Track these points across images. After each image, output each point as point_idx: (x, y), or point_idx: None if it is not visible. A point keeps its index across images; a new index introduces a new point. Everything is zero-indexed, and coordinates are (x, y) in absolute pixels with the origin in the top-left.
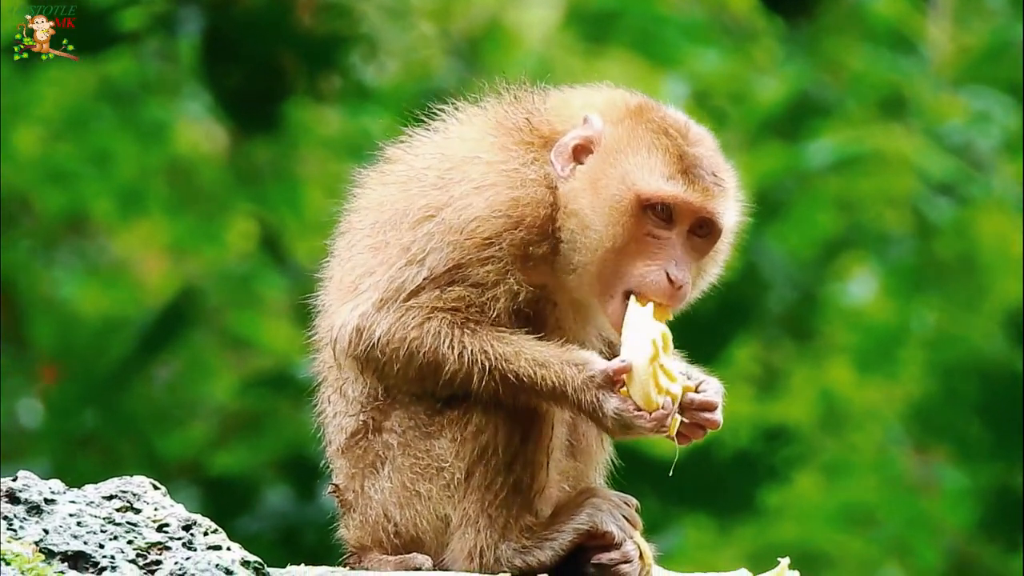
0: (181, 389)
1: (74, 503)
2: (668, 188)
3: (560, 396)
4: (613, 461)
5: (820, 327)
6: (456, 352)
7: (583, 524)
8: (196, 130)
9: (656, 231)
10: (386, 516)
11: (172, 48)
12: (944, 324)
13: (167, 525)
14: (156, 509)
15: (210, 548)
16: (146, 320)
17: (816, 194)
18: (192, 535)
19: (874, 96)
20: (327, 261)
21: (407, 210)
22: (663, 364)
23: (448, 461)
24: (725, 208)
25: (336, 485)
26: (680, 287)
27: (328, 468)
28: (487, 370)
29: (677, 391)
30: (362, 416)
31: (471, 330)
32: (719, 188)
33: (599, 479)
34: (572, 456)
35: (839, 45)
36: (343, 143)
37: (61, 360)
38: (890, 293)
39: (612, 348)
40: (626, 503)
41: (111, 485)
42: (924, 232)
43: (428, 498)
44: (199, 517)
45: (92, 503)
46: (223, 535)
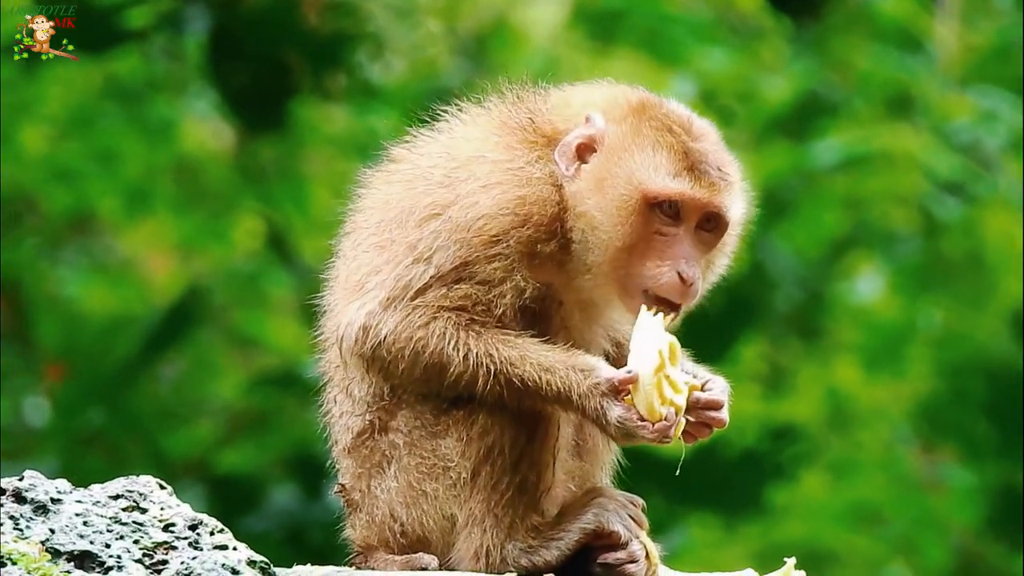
0: (187, 388)
1: (80, 503)
2: (675, 186)
3: (565, 401)
4: (619, 461)
5: (827, 326)
6: (461, 354)
7: (589, 524)
8: (202, 129)
9: (664, 228)
10: (392, 516)
11: (178, 46)
12: (951, 323)
13: (173, 525)
14: (162, 509)
15: (216, 548)
16: (152, 319)
17: (823, 193)
18: (198, 534)
19: (881, 95)
20: (333, 261)
21: (413, 208)
22: (668, 375)
23: (454, 461)
24: (732, 201)
25: (342, 485)
26: (692, 284)
27: (334, 468)
28: (492, 373)
29: (681, 402)
30: (368, 416)
31: (476, 332)
32: (725, 182)
33: (605, 479)
34: (578, 456)
35: (846, 44)
36: (349, 142)
37: (67, 359)
38: (897, 292)
39: (620, 348)
40: (632, 503)
41: (117, 485)
42: (931, 231)
43: (434, 498)
44: (205, 517)
45: (98, 503)
46: (229, 535)
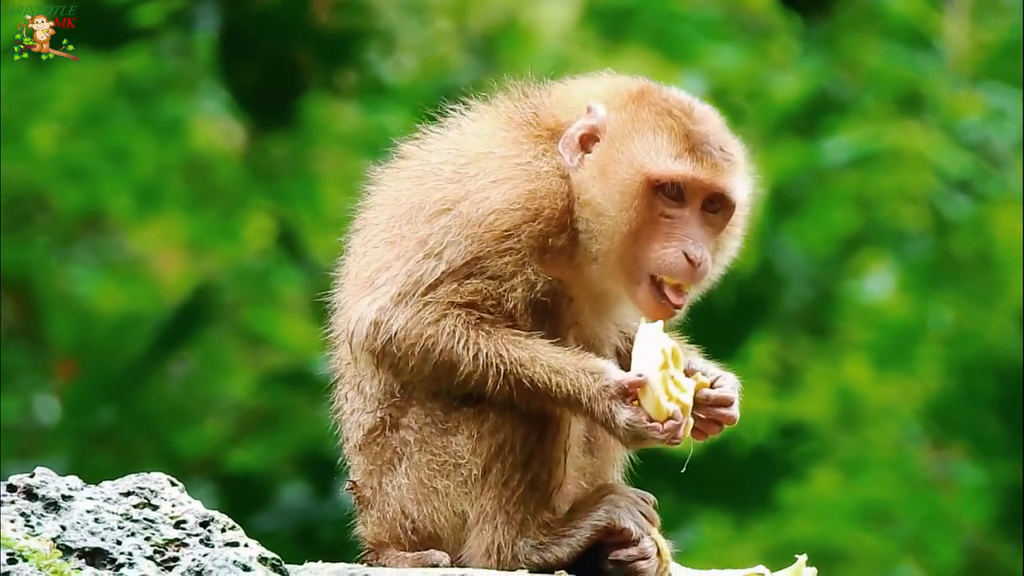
0: (198, 386)
1: (91, 499)
2: (676, 167)
3: (574, 404)
4: (630, 458)
5: (837, 324)
6: (471, 354)
7: (601, 520)
8: (213, 126)
9: (669, 211)
10: (403, 513)
11: (189, 44)
12: (961, 321)
13: (184, 522)
14: (174, 506)
15: (227, 545)
16: (163, 317)
17: (833, 191)
18: (209, 532)
19: (891, 93)
20: (343, 258)
21: (423, 204)
22: (673, 376)
23: (465, 458)
24: (736, 182)
25: (353, 482)
26: (699, 264)
27: (345, 465)
28: (502, 374)
29: (688, 401)
30: (379, 413)
31: (486, 332)
32: (728, 163)
33: (616, 475)
34: (589, 452)
35: (856, 42)
36: (360, 139)
37: (77, 357)
38: (907, 290)
39: (631, 343)
40: (643, 499)
41: (129, 482)
42: (941, 229)
43: (445, 495)
44: (216, 514)
45: (109, 499)
46: (240, 532)
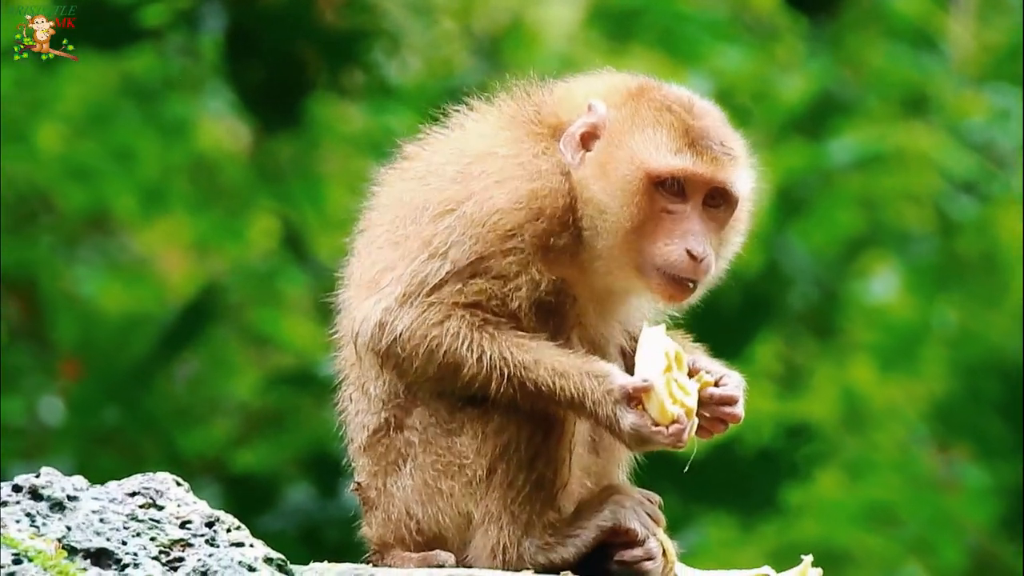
0: (203, 386)
1: (97, 500)
2: (676, 162)
3: (578, 407)
4: (636, 458)
5: (842, 325)
6: (475, 356)
7: (606, 521)
8: (218, 127)
9: (671, 207)
10: (408, 513)
11: (194, 44)
12: (966, 322)
13: (190, 522)
14: (179, 506)
15: (233, 545)
16: (168, 317)
17: (838, 192)
18: (215, 532)
19: (896, 94)
20: (348, 259)
21: (427, 205)
22: (677, 379)
23: (470, 458)
24: (737, 176)
25: (358, 483)
26: (702, 259)
27: (350, 466)
28: (506, 376)
29: (692, 404)
30: (384, 414)
31: (491, 334)
32: (728, 157)
33: (622, 476)
34: (595, 453)
35: (861, 43)
36: (365, 140)
37: (83, 358)
38: (912, 291)
39: (636, 342)
40: (649, 500)
41: (134, 482)
42: (946, 230)
43: (450, 495)
44: (222, 514)
45: (115, 500)
46: (246, 532)
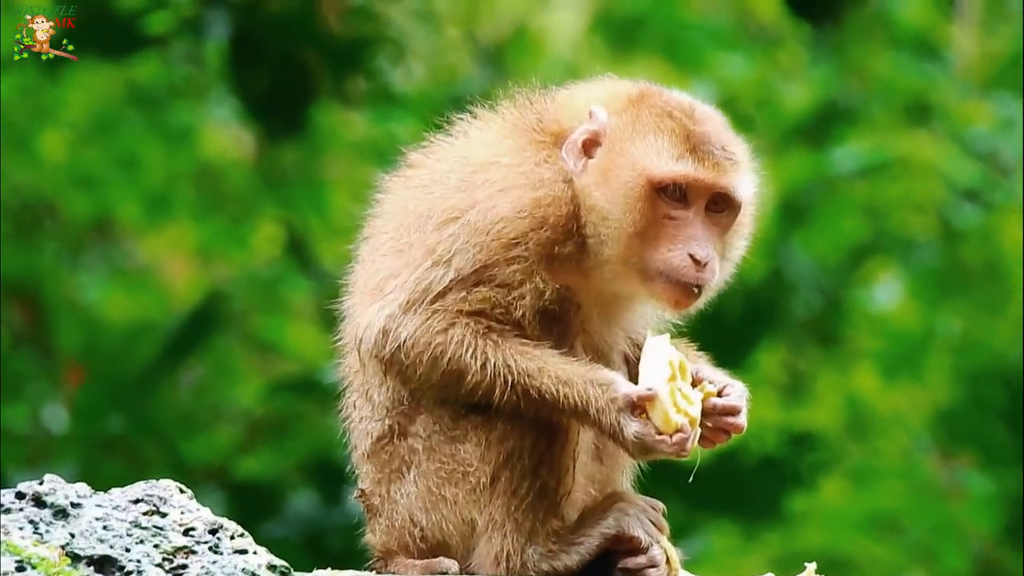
0: (207, 393)
1: (100, 507)
2: (678, 168)
3: (582, 415)
4: (640, 466)
5: (846, 332)
6: (479, 363)
7: (610, 528)
8: (223, 134)
9: (673, 212)
10: (412, 521)
11: (199, 52)
12: (970, 330)
13: (193, 529)
14: (182, 513)
15: (236, 552)
16: (172, 324)
17: (842, 199)
18: (218, 539)
19: (900, 102)
20: (352, 266)
21: (431, 212)
22: (680, 388)
23: (473, 465)
24: (739, 181)
25: (362, 490)
26: (706, 264)
27: (354, 473)
28: (509, 384)
29: (695, 413)
30: (388, 421)
31: (494, 342)
32: (730, 162)
33: (626, 483)
34: (598, 460)
35: (865, 51)
36: (370, 147)
37: (87, 364)
38: (915, 299)
39: (639, 349)
40: (653, 507)
41: (137, 489)
42: (949, 238)
43: (454, 502)
44: (225, 521)
45: (118, 507)
46: (249, 539)
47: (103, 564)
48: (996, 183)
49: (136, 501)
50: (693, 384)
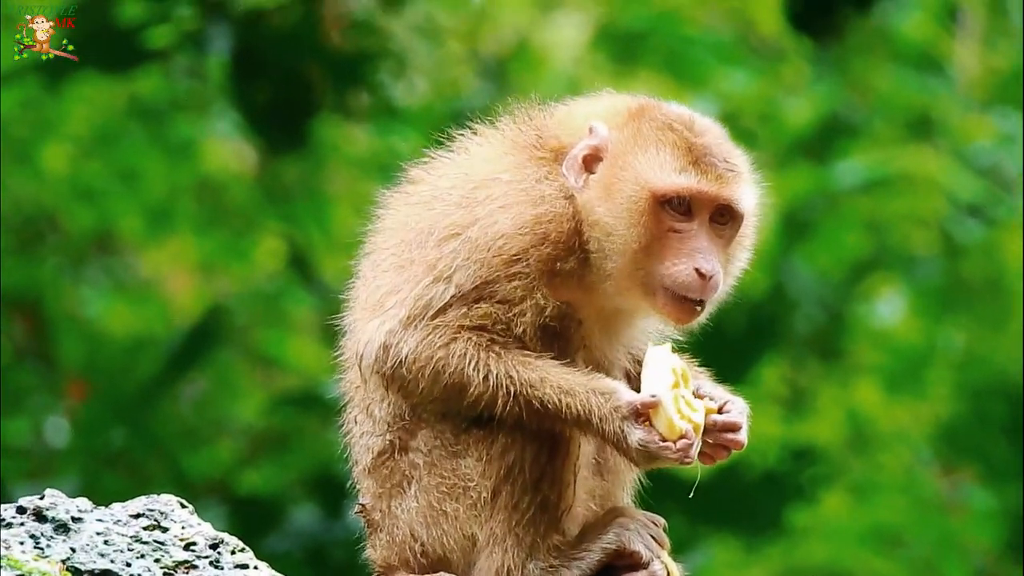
0: (209, 407)
1: (101, 521)
2: (681, 181)
3: (584, 425)
4: (640, 480)
5: (848, 347)
6: (481, 375)
7: (611, 543)
8: (225, 148)
9: (677, 225)
10: (413, 536)
11: (201, 66)
12: (972, 345)
13: (194, 544)
14: (183, 528)
15: (237, 567)
16: (174, 338)
17: (844, 214)
18: (219, 554)
19: (902, 117)
20: (353, 281)
21: (432, 229)
22: (683, 395)
23: (474, 480)
24: (742, 192)
25: (363, 505)
26: (711, 277)
27: (355, 488)
28: (512, 395)
29: (699, 420)
30: (388, 436)
31: (496, 354)
32: (732, 174)
33: (627, 498)
34: (599, 475)
35: (867, 66)
36: (372, 161)
37: (88, 378)
38: (918, 314)
39: (640, 365)
40: (654, 523)
41: (138, 503)
42: (952, 253)
43: (455, 517)
44: (226, 536)
45: (119, 521)
46: (250, 554)
47: None
48: (998, 198)
49: (137, 516)
50: (694, 398)
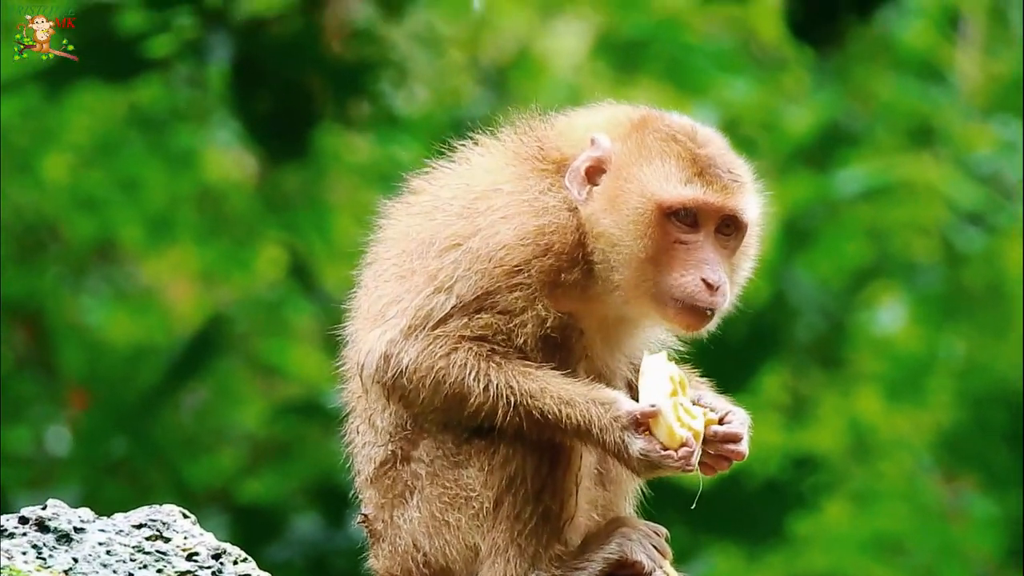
0: (210, 417)
1: (103, 532)
2: (687, 192)
3: (585, 435)
4: (642, 490)
5: (849, 356)
6: (482, 385)
7: (613, 553)
8: (225, 157)
9: (683, 236)
10: (415, 546)
11: (201, 75)
12: (973, 353)
13: (197, 554)
14: (186, 538)
15: None
16: (175, 347)
17: (845, 223)
18: (221, 564)
19: (903, 125)
20: (355, 291)
21: (433, 239)
22: (682, 403)
23: (476, 490)
24: (747, 203)
25: (365, 515)
26: (718, 288)
27: (357, 497)
28: (512, 405)
29: (699, 427)
30: (390, 446)
31: (497, 364)
32: (737, 184)
33: (629, 508)
34: (601, 485)
35: (868, 74)
36: (372, 170)
37: (90, 387)
38: (919, 322)
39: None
40: (656, 532)
41: (141, 514)
42: (953, 261)
43: (457, 528)
44: (228, 546)
45: (121, 532)
46: (252, 564)
47: None
48: (999, 206)
49: (139, 526)
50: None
